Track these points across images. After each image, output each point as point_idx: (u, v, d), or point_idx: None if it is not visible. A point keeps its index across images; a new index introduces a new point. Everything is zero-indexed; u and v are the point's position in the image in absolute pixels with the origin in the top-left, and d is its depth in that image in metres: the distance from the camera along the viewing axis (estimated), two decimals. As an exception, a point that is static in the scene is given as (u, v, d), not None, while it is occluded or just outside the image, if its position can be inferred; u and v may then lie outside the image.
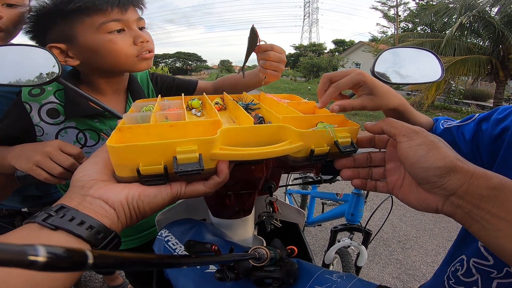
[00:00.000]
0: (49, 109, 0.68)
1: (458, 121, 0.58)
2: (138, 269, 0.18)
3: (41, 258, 0.11)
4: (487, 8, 8.05)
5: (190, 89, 0.92)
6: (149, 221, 0.92)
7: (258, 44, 0.61)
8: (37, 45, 0.63)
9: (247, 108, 0.54)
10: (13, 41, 0.80)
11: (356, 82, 0.49)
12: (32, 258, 0.11)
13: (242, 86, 0.87)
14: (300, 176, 1.95)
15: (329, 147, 0.40)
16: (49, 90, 0.69)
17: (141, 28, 0.70)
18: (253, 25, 0.58)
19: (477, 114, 0.54)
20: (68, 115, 0.69)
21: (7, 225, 1.02)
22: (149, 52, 0.70)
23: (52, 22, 0.63)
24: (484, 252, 0.41)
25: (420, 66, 0.68)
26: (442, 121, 0.61)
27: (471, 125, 0.53)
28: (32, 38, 0.66)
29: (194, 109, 0.57)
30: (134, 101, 0.57)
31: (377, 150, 0.44)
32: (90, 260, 0.14)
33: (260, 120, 0.47)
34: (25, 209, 1.00)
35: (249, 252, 0.41)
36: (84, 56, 0.66)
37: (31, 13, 0.63)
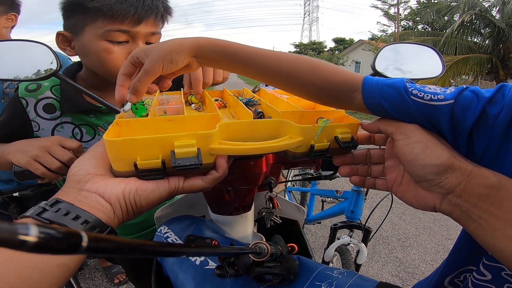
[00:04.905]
0: (45, 104, 0.68)
1: (436, 91, 0.34)
2: (137, 255, 0.17)
3: (32, 238, 0.11)
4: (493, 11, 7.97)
5: (179, 85, 0.92)
6: (149, 220, 0.91)
7: None
8: (35, 40, 0.62)
9: (247, 103, 0.53)
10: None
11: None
12: (22, 237, 0.10)
13: None
14: (300, 172, 1.95)
15: (329, 143, 0.39)
16: (46, 85, 0.69)
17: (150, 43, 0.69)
18: None
19: (465, 86, 0.35)
20: (64, 110, 0.69)
21: (3, 211, 1.08)
22: None
23: (74, 11, 0.63)
24: (481, 267, 0.37)
25: (420, 62, 0.68)
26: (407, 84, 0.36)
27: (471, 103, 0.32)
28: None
29: (193, 104, 0.57)
30: None
31: (377, 147, 0.44)
32: (84, 243, 0.13)
33: (260, 115, 0.47)
34: (16, 194, 1.02)
35: (249, 246, 0.41)
36: (79, 53, 0.67)
37: None
